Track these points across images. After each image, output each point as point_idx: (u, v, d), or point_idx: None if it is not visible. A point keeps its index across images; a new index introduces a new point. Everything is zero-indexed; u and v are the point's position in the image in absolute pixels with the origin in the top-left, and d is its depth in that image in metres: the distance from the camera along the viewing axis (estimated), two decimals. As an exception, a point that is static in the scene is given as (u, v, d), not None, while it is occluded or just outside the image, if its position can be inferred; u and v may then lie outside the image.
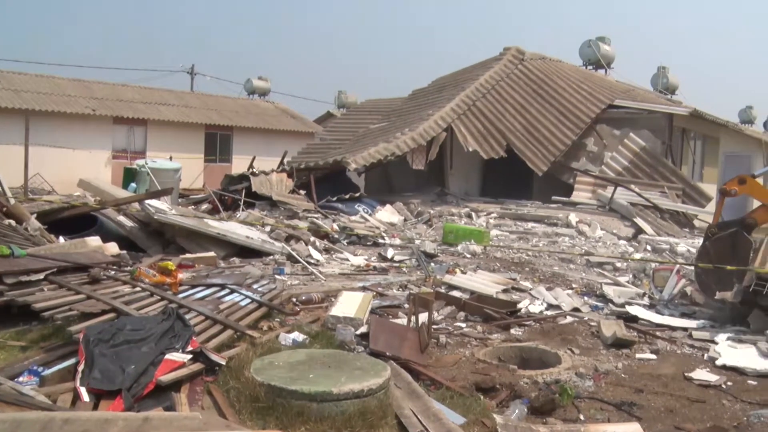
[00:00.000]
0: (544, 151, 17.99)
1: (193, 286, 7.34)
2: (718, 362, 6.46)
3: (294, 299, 7.70)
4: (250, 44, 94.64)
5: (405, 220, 15.05)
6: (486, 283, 8.87)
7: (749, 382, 6.06)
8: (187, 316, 5.93)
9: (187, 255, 9.71)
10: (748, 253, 8.25)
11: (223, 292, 7.24)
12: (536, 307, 8.12)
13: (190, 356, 5.14)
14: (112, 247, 9.05)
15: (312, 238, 11.57)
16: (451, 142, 18.96)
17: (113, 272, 7.43)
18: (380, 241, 12.30)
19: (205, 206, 14.93)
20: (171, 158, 20.32)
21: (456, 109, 18.86)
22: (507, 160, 18.23)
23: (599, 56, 27.52)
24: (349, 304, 7.11)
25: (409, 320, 6.65)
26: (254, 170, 16.65)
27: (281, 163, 18.98)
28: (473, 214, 15.70)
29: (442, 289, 8.62)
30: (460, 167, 20.03)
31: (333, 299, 7.59)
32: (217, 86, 76.66)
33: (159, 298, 6.66)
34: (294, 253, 10.35)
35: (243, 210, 14.01)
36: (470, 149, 18.00)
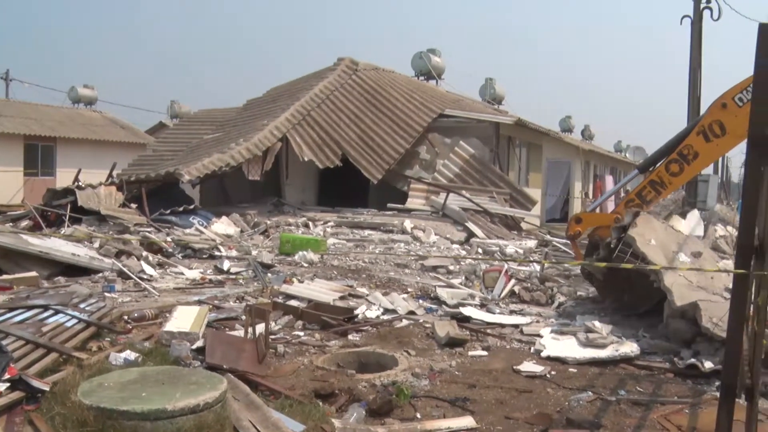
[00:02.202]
0: (379, 160, 18.40)
1: (11, 309, 6.84)
2: (543, 354, 6.92)
3: (126, 317, 7.38)
4: (73, 51, 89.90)
5: (242, 231, 14.85)
6: (323, 291, 8.92)
7: (570, 370, 6.54)
8: (3, 342, 5.53)
9: (4, 276, 9.07)
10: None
11: (46, 314, 6.78)
12: (373, 313, 8.28)
13: (7, 385, 4.79)
14: None
15: (144, 253, 11.14)
16: (286, 152, 18.94)
17: None
18: (216, 253, 12.06)
19: (25, 223, 13.94)
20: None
21: (291, 119, 18.87)
22: (343, 169, 18.47)
23: (430, 67, 28.50)
24: (184, 319, 6.92)
25: (246, 332, 6.57)
26: (80, 183, 15.75)
27: (110, 175, 18.11)
28: (310, 223, 15.76)
29: (280, 299, 8.58)
30: (296, 177, 20.05)
31: (167, 315, 7.35)
32: (38, 94, 71.98)
33: (-30, 323, 6.15)
34: (125, 269, 9.93)
35: (68, 226, 13.23)
36: (306, 159, 18.07)
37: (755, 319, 4.02)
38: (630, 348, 6.95)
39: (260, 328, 6.52)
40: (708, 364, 6.34)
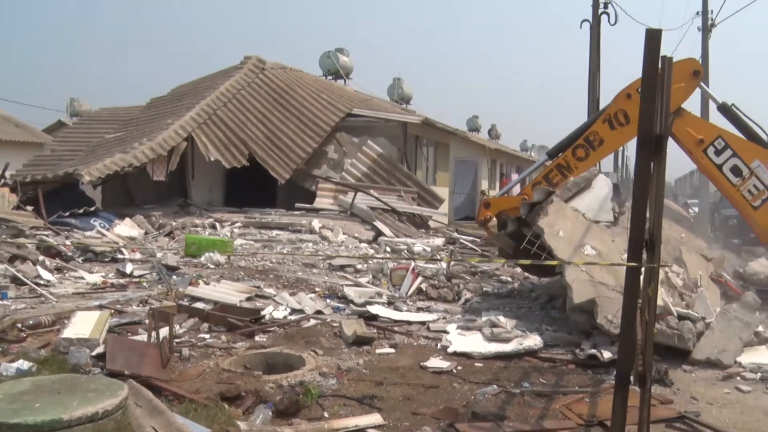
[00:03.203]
0: (287, 160, 18.26)
1: None
2: (450, 350, 7.02)
3: (19, 324, 7.06)
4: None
5: (146, 233, 14.46)
6: (230, 292, 8.80)
7: (476, 364, 6.67)
8: None
9: None
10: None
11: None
12: (280, 313, 8.21)
13: None
14: None
15: (41, 258, 10.69)
16: (192, 151, 18.54)
17: None
18: (119, 256, 11.70)
19: None
20: None
21: (196, 118, 18.51)
22: (250, 169, 18.25)
23: (338, 67, 28.51)
24: (84, 325, 6.67)
25: (150, 336, 6.40)
26: (-32, 185, 14.99)
27: (2, 176, 17.28)
28: (217, 224, 15.50)
29: (185, 302, 8.40)
30: (202, 177, 19.67)
31: (66, 321, 7.06)
32: None
33: None
34: (19, 275, 9.50)
35: (-44, 231, 12.56)
36: (212, 159, 17.76)
37: (646, 309, 4.20)
38: (533, 341, 7.15)
39: (164, 331, 6.36)
40: (607, 354, 6.59)
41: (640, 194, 3.76)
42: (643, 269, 4.07)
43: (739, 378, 6.43)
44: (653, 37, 3.77)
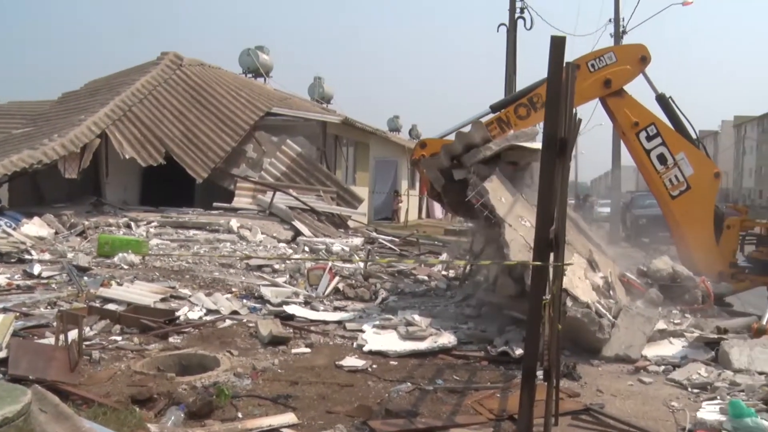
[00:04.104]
0: (204, 158, 17.99)
1: None
2: (365, 348, 7.09)
3: None
4: None
5: (56, 233, 13.99)
6: (143, 293, 8.63)
7: (391, 362, 6.76)
8: None
9: None
10: None
11: None
12: (195, 314, 8.11)
13: None
14: None
15: (-60, 259, 10.23)
16: (106, 149, 18.02)
17: None
18: (26, 257, 11.30)
19: None
20: None
21: (111, 115, 18.00)
22: (167, 167, 17.88)
23: (258, 65, 28.25)
24: (-15, 328, 6.43)
25: (57, 339, 6.22)
26: None
27: None
28: (132, 223, 15.13)
29: (97, 303, 8.19)
30: (117, 175, 19.12)
31: (-35, 325, 6.80)
32: None
33: None
34: None
35: None
36: (127, 156, 17.32)
37: (551, 305, 4.34)
38: (448, 339, 7.29)
39: (74, 334, 6.19)
40: (518, 351, 6.77)
41: (544, 195, 3.89)
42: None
43: (643, 371, 6.73)
44: (558, 44, 3.90)
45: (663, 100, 10.30)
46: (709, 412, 5.39)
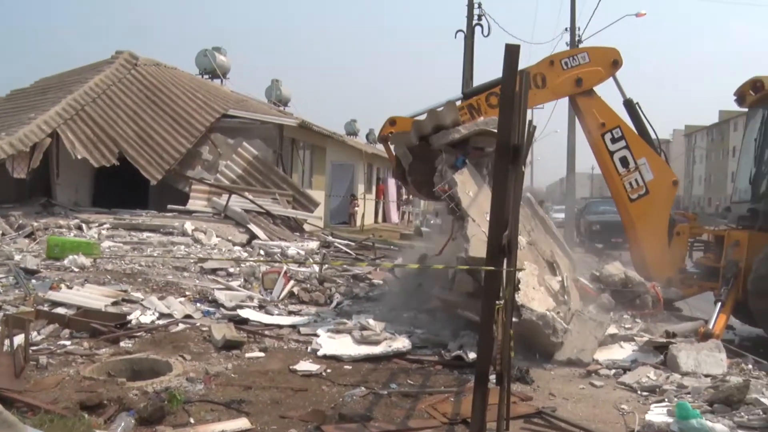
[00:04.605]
0: (159, 159, 17.73)
1: None
2: (320, 353, 7.07)
3: None
4: None
5: (3, 234, 13.64)
6: (94, 296, 8.46)
7: (345, 367, 6.76)
8: None
9: None
10: None
11: None
12: (148, 318, 8.00)
13: None
14: None
15: None
16: (57, 148, 17.63)
17: None
18: (-29, 259, 10.99)
19: None
20: None
21: (62, 114, 17.64)
22: (121, 168, 17.58)
23: (215, 66, 28.00)
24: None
25: (2, 344, 6.06)
26: None
27: None
28: (84, 225, 14.84)
29: (45, 307, 8.01)
30: (68, 176, 18.73)
31: None
32: None
33: None
34: None
35: None
36: (79, 157, 16.97)
37: (504, 310, 4.38)
38: (402, 343, 7.30)
39: (20, 339, 6.05)
40: (472, 355, 6.82)
41: (498, 201, 3.93)
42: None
43: (594, 375, 6.84)
44: (512, 52, 3.95)
45: (630, 106, 10.53)
46: (657, 414, 5.51)
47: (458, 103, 10.41)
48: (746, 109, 10.43)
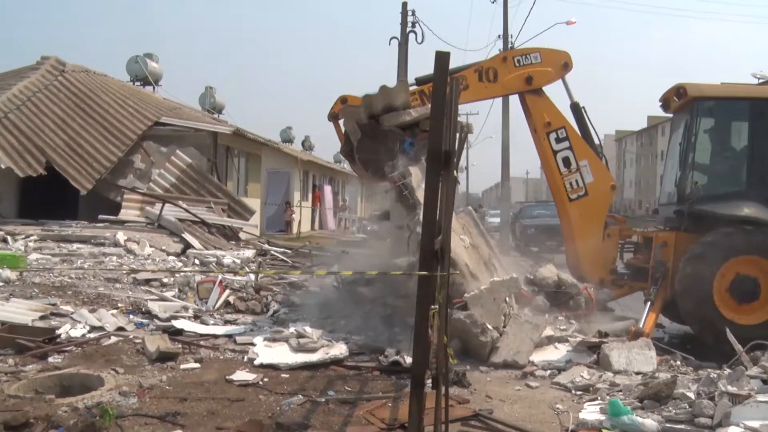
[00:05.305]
0: (89, 169, 17.30)
1: None
2: (257, 362, 7.01)
3: None
4: None
5: None
6: (20, 311, 8.19)
7: (283, 375, 6.71)
8: None
9: None
10: None
11: None
12: (78, 331, 7.78)
13: None
14: None
15: None
16: (-21, 158, 17.05)
17: None
18: None
19: None
20: None
21: (-16, 122, 17.07)
22: (48, 178, 17.09)
23: (147, 72, 27.50)
24: None
25: None
26: None
27: None
28: (9, 237, 14.32)
29: (-34, 324, 7.72)
30: (-8, 186, 18.14)
31: None
32: None
33: None
34: None
35: None
36: (3, 166, 16.42)
37: (438, 314, 4.41)
38: (339, 350, 7.29)
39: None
40: (409, 360, 6.83)
41: (429, 207, 3.96)
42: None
43: (530, 376, 6.96)
44: (442, 59, 3.99)
45: (576, 109, 10.76)
46: (591, 412, 5.64)
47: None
48: (671, 115, 10.78)
